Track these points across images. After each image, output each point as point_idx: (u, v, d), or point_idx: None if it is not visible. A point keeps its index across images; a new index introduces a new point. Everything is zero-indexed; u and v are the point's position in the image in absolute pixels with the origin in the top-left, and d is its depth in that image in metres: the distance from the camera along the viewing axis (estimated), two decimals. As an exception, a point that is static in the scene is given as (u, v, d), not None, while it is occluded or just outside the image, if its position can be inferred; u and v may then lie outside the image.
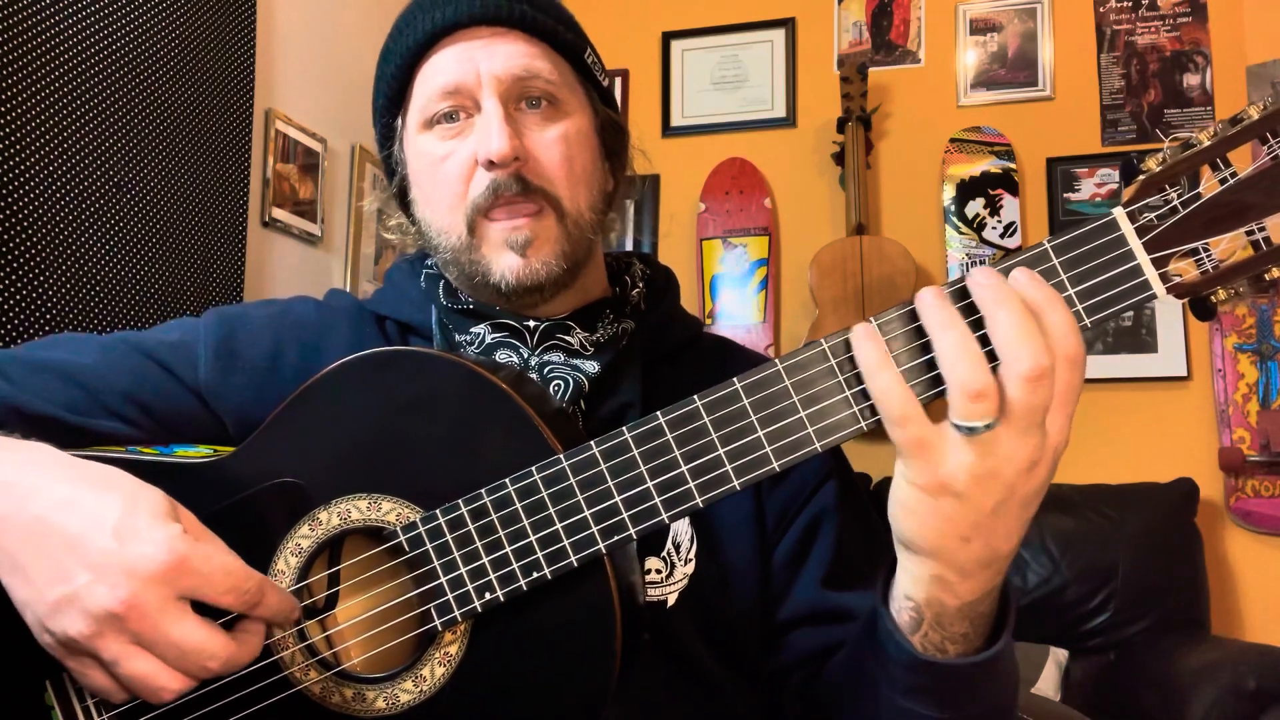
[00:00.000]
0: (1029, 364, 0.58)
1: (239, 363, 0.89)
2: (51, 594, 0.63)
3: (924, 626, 0.67)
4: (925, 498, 0.62)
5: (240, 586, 0.65)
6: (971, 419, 0.58)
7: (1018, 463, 0.60)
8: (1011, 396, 0.59)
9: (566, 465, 0.67)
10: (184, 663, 0.63)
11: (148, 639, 0.62)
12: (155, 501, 0.65)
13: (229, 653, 0.64)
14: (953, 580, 0.64)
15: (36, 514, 0.64)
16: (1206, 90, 2.88)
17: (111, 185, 1.82)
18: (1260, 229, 0.60)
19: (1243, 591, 2.66)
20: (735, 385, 0.65)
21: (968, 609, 0.66)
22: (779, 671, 0.88)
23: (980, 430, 0.59)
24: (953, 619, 0.66)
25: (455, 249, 0.88)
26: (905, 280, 2.83)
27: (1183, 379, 2.77)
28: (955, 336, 0.60)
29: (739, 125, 3.23)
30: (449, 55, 0.86)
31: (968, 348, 0.59)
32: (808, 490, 0.89)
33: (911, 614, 0.67)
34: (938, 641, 0.67)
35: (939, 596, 0.65)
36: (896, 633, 0.68)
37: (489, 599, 0.68)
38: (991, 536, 0.62)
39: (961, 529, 0.62)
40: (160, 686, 0.63)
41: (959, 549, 0.63)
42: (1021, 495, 0.61)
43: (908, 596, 0.67)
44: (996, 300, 0.60)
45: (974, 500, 0.61)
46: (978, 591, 0.65)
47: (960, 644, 0.67)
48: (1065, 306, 0.61)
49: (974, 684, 0.69)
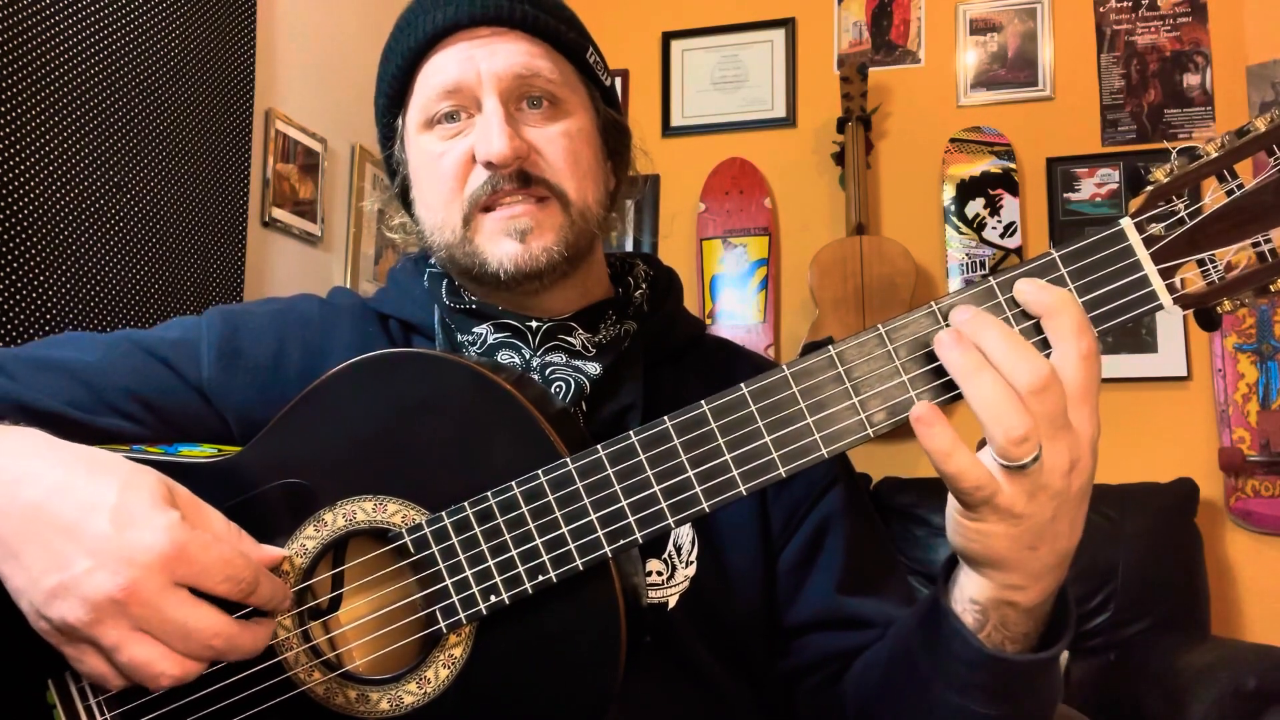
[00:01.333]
0: (1028, 377, 0.59)
1: (242, 361, 0.89)
2: (48, 581, 0.62)
3: (988, 628, 0.68)
4: (987, 527, 0.63)
5: (237, 575, 0.65)
6: (1018, 459, 0.60)
7: (1060, 469, 0.61)
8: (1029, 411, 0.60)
9: (573, 469, 0.67)
10: (188, 644, 0.63)
11: (149, 624, 0.62)
12: (151, 485, 0.65)
13: (232, 630, 0.65)
14: (1025, 584, 0.65)
15: (31, 500, 0.64)
16: (1206, 90, 2.88)
17: (111, 185, 1.82)
18: (1266, 240, 0.61)
19: (1243, 591, 2.66)
20: (742, 391, 0.65)
21: (1034, 610, 0.67)
22: (790, 674, 0.88)
23: (1030, 465, 0.60)
24: (1018, 620, 0.67)
25: (450, 243, 0.87)
26: (905, 280, 2.83)
27: (1183, 379, 2.77)
28: (986, 383, 0.60)
29: (739, 125, 3.23)
30: (450, 55, 0.86)
31: (1002, 393, 0.60)
32: (814, 494, 0.89)
33: (976, 616, 0.68)
34: (998, 641, 0.68)
35: (1010, 599, 0.66)
36: (964, 630, 0.68)
37: (494, 602, 0.68)
38: (1056, 539, 0.64)
39: (1027, 541, 0.63)
40: (160, 672, 0.63)
41: (1029, 557, 0.64)
42: (1074, 494, 0.63)
43: (973, 600, 0.68)
44: (979, 326, 0.61)
45: (1034, 516, 0.62)
46: (1046, 591, 0.66)
47: (1020, 643, 0.68)
48: (1075, 304, 0.62)
49: (1033, 681, 0.70)
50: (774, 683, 0.89)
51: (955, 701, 0.70)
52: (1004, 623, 0.67)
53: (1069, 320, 0.61)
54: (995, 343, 0.60)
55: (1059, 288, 0.62)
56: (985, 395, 0.60)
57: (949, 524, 0.66)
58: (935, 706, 0.71)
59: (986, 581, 0.66)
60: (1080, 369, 0.61)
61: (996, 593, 0.66)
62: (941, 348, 0.62)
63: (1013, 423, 0.59)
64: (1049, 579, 0.66)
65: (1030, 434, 0.59)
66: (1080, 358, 0.61)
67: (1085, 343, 0.61)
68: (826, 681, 0.86)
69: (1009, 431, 0.59)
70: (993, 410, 0.60)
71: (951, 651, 0.69)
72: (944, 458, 0.61)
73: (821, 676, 0.86)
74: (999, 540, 0.63)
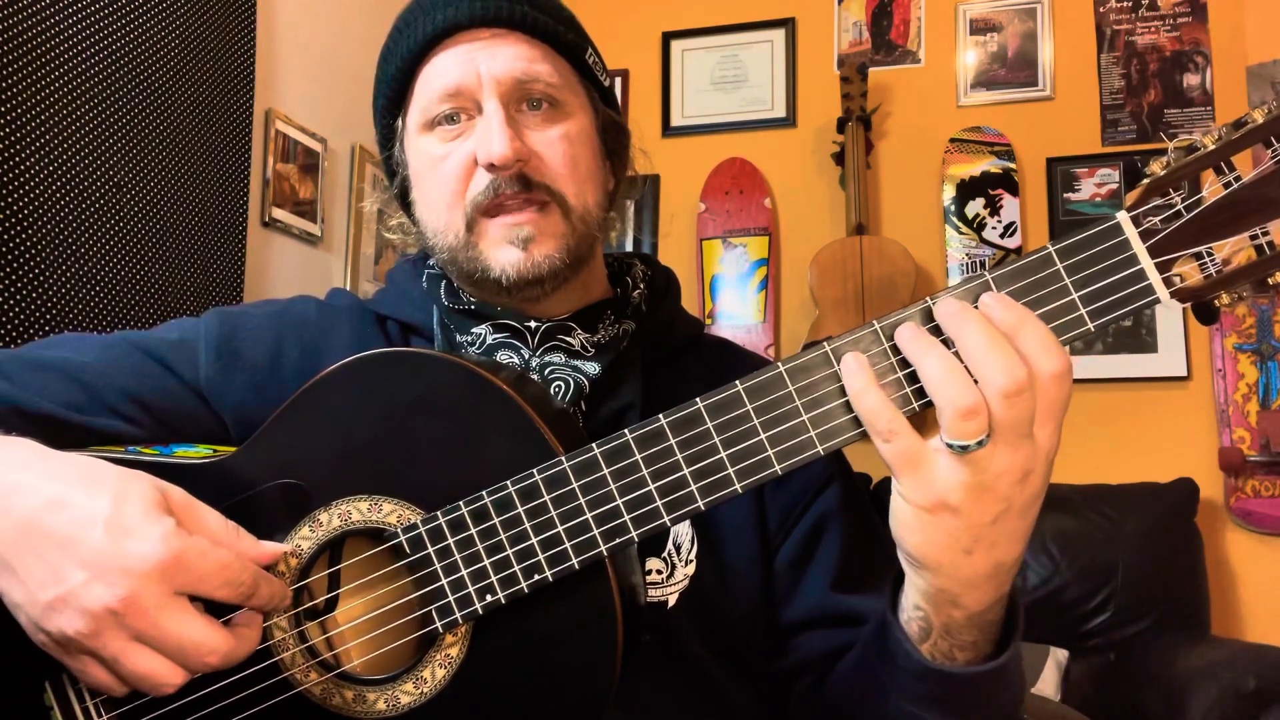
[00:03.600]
0: (1004, 378, 0.59)
1: (239, 362, 0.89)
2: (45, 594, 0.62)
3: (933, 635, 0.68)
4: (923, 514, 0.63)
5: (235, 579, 0.65)
6: (964, 437, 0.59)
7: (1012, 475, 0.61)
8: (995, 412, 0.59)
9: (568, 467, 0.67)
10: (184, 658, 0.63)
11: (147, 635, 0.62)
12: (145, 493, 0.65)
13: (228, 647, 0.65)
14: (959, 592, 0.65)
15: (24, 514, 0.64)
16: (1206, 90, 2.88)
17: (111, 185, 1.82)
18: (1264, 233, 0.60)
19: (1243, 591, 2.66)
20: (738, 388, 0.65)
21: (976, 618, 0.66)
22: (786, 673, 0.88)
23: (973, 448, 0.59)
24: (961, 628, 0.67)
25: (453, 247, 0.87)
26: (905, 280, 2.83)
27: (1183, 379, 2.77)
28: (937, 358, 0.61)
29: (739, 125, 3.23)
30: (450, 57, 0.86)
31: (952, 368, 0.60)
32: (811, 492, 0.89)
33: (921, 623, 0.68)
34: (946, 649, 0.68)
35: (947, 608, 0.66)
36: (906, 642, 0.68)
37: (490, 601, 0.68)
38: (993, 548, 0.63)
39: (963, 542, 0.63)
40: (163, 682, 0.63)
41: (962, 562, 0.63)
42: (1019, 505, 0.62)
43: (916, 606, 0.68)
44: (960, 323, 0.61)
45: (971, 514, 0.61)
46: (985, 601, 0.66)
47: (969, 651, 0.68)
48: (1038, 323, 0.61)
49: (983, 691, 0.69)
50: (771, 682, 0.89)
51: (910, 710, 0.70)
52: (948, 631, 0.67)
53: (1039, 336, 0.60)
54: (974, 338, 0.60)
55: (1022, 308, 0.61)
56: (934, 373, 0.60)
57: (890, 514, 0.65)
58: (894, 715, 0.71)
59: (923, 586, 0.66)
60: (1053, 385, 0.60)
61: (936, 600, 0.66)
62: (902, 339, 0.63)
63: (962, 395, 0.59)
64: (986, 588, 0.65)
65: (977, 409, 0.59)
66: (1051, 376, 0.60)
67: (1058, 361, 0.60)
68: (818, 680, 0.86)
69: (955, 401, 0.59)
70: (940, 383, 0.60)
71: (898, 663, 0.69)
72: (857, 396, 0.62)
73: (816, 676, 0.86)
74: (934, 533, 0.63)
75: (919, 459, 0.61)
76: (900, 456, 0.62)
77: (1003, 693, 0.70)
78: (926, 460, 0.61)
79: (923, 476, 0.61)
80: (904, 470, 0.62)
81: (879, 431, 0.62)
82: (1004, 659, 0.68)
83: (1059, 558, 2.43)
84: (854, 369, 0.63)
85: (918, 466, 0.61)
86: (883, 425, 0.62)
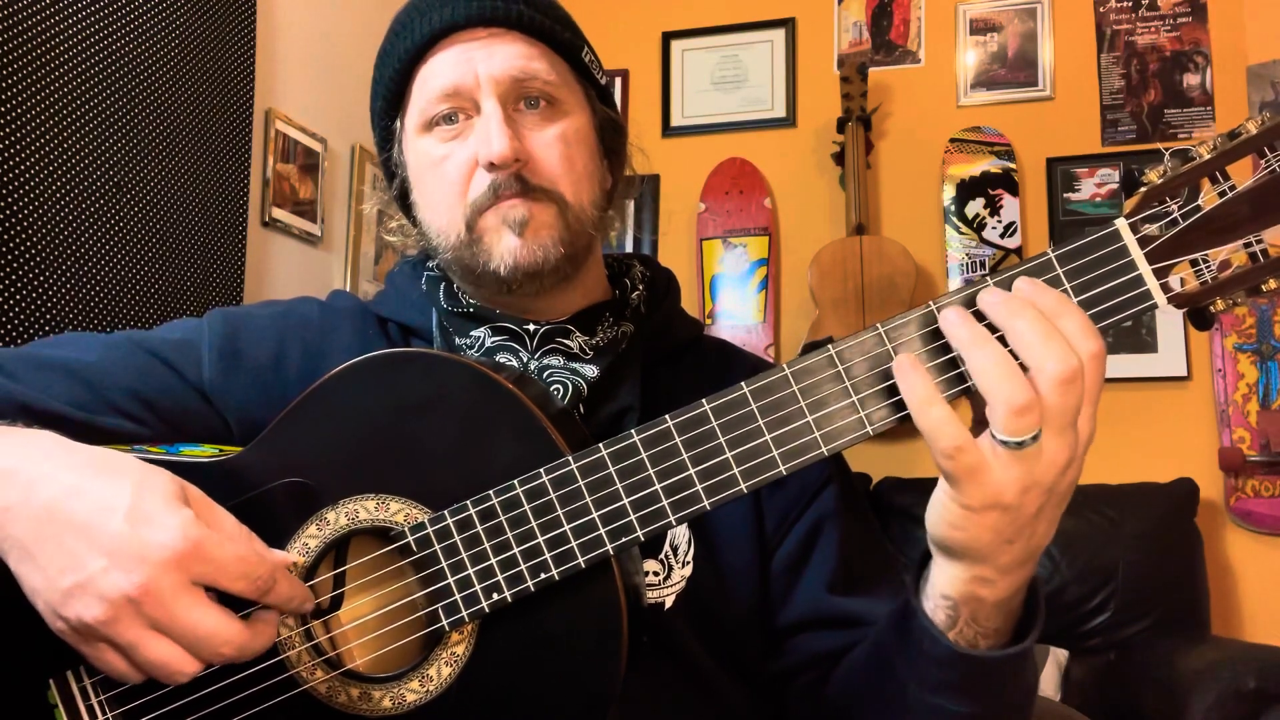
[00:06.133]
0: (1060, 366, 0.59)
1: (242, 362, 0.89)
2: (64, 581, 0.63)
3: (959, 624, 0.68)
4: (973, 514, 0.62)
5: (253, 573, 0.65)
6: (1019, 434, 0.59)
7: (1057, 465, 0.61)
8: (1048, 402, 0.59)
9: (575, 467, 0.67)
10: (198, 649, 0.64)
11: (163, 624, 0.63)
12: (165, 484, 0.65)
13: (243, 639, 0.65)
14: (993, 578, 0.65)
15: (45, 501, 0.64)
16: (1206, 90, 2.88)
17: (111, 185, 1.82)
18: (1258, 240, 0.61)
19: (1243, 591, 2.66)
20: (743, 390, 0.66)
21: (1004, 604, 0.67)
22: (782, 674, 0.88)
23: (1028, 444, 0.59)
24: (989, 614, 0.68)
25: (455, 247, 0.88)
26: (905, 280, 2.83)
27: (1183, 379, 2.77)
28: (991, 353, 0.60)
29: (739, 125, 3.23)
30: (447, 57, 0.86)
31: (1006, 363, 0.60)
32: (808, 494, 0.90)
33: (948, 612, 0.68)
34: (970, 637, 0.68)
35: (978, 594, 0.66)
36: (933, 628, 0.68)
37: (496, 600, 0.68)
38: (1032, 536, 0.64)
39: (1006, 534, 0.63)
40: (177, 670, 0.63)
41: (1003, 551, 0.64)
42: (1060, 493, 0.63)
43: (944, 595, 0.68)
44: (1011, 312, 0.61)
45: (1021, 509, 0.62)
46: (1014, 585, 0.67)
47: (992, 638, 0.69)
48: (1076, 307, 0.62)
49: (1005, 676, 0.70)
50: (767, 683, 0.89)
51: (930, 701, 0.70)
52: (974, 618, 0.68)
53: (1079, 321, 0.61)
54: (1027, 327, 0.60)
55: (1057, 292, 0.62)
56: (988, 365, 0.60)
57: (932, 510, 0.65)
58: (912, 707, 0.72)
59: (957, 574, 0.66)
60: (1094, 368, 0.61)
61: (966, 586, 0.66)
62: (947, 323, 0.62)
63: (1015, 392, 0.59)
64: (1018, 574, 0.66)
65: (1032, 405, 0.59)
66: (1091, 358, 0.60)
67: (1096, 344, 0.61)
68: (817, 682, 0.86)
69: (1011, 400, 0.59)
70: (994, 379, 0.59)
71: (922, 650, 0.69)
72: (922, 408, 0.61)
73: (812, 677, 0.86)
74: (981, 530, 0.63)
75: (979, 469, 0.61)
76: (962, 469, 0.61)
77: (1021, 679, 0.72)
78: (985, 468, 0.61)
79: (979, 481, 0.61)
80: (963, 480, 0.61)
81: (942, 449, 0.61)
82: (1028, 642, 0.69)
83: (1059, 558, 2.43)
84: (916, 381, 0.62)
85: (976, 475, 0.61)
86: (947, 443, 0.60)
